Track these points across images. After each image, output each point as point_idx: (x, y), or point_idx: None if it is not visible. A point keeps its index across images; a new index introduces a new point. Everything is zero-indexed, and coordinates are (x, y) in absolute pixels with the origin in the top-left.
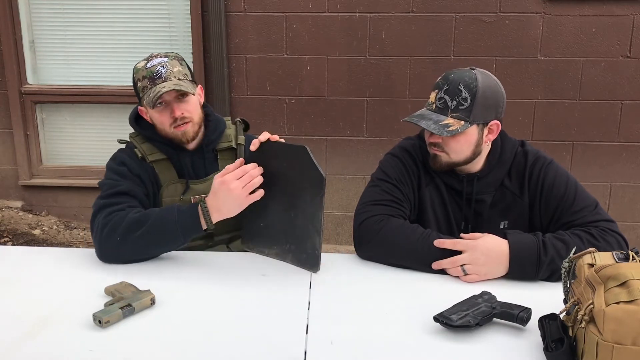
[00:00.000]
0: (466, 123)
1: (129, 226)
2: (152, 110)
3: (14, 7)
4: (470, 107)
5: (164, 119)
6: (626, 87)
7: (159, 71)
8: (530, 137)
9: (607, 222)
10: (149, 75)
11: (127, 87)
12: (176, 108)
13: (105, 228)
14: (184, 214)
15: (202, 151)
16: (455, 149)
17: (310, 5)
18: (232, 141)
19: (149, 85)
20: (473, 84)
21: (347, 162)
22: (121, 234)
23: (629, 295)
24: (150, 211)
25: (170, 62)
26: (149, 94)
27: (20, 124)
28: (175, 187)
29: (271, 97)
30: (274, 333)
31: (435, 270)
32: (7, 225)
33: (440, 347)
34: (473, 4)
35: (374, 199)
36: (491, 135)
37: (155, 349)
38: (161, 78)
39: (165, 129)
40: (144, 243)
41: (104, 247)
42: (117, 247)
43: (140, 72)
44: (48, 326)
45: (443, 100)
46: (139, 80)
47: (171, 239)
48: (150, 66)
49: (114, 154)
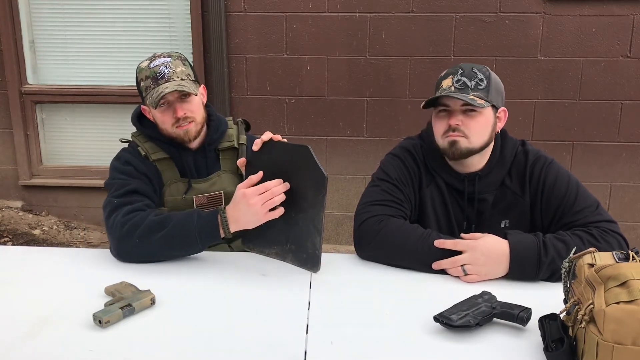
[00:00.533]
0: (487, 102)
1: (149, 227)
2: (154, 110)
3: (14, 7)
4: (488, 87)
5: (167, 118)
6: (626, 87)
7: (162, 71)
8: (530, 137)
9: (608, 222)
10: (152, 75)
11: (127, 87)
12: (179, 108)
13: (124, 227)
14: (203, 220)
15: (204, 150)
16: (476, 131)
17: (310, 5)
18: (234, 141)
19: (152, 85)
20: (484, 69)
21: (347, 162)
22: (140, 234)
23: (629, 295)
24: (171, 214)
25: (173, 62)
26: (152, 94)
27: (20, 124)
28: (177, 186)
29: (271, 97)
30: (274, 333)
31: (436, 270)
32: (7, 225)
33: (440, 347)
34: (473, 4)
35: (375, 199)
36: (500, 123)
37: (155, 349)
38: (164, 78)
39: (168, 129)
40: (162, 245)
41: (121, 245)
42: (135, 247)
43: (144, 72)
44: (48, 326)
45: (462, 82)
46: (142, 80)
47: (189, 244)
48: (153, 66)
49: (118, 154)
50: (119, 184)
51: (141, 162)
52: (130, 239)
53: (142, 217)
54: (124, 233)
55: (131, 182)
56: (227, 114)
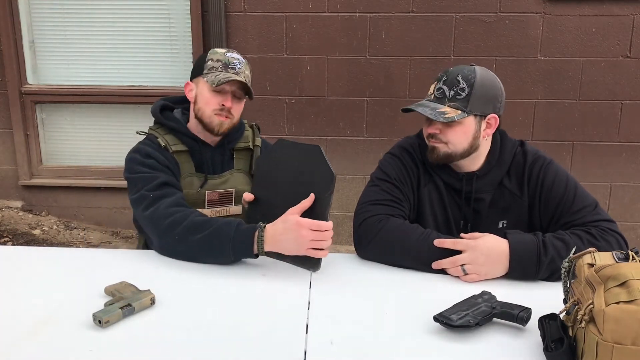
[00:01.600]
0: (463, 112)
1: (189, 227)
2: (206, 89)
3: (14, 7)
4: (468, 97)
5: (214, 101)
6: (626, 87)
7: (235, 64)
8: (530, 137)
9: (607, 222)
10: (225, 61)
11: (127, 87)
12: (231, 100)
13: (166, 220)
14: (241, 233)
15: (223, 148)
16: (453, 139)
17: (310, 5)
18: (250, 142)
19: (220, 68)
20: (471, 75)
21: (347, 162)
22: (180, 232)
23: (628, 295)
24: (213, 219)
25: (245, 64)
26: (218, 75)
27: (20, 124)
28: (192, 180)
29: (271, 97)
30: (274, 333)
31: (435, 270)
32: (7, 225)
33: (440, 347)
34: (473, 4)
35: (374, 198)
36: (489, 129)
37: (155, 349)
38: (234, 70)
39: (207, 112)
40: (197, 248)
41: (163, 240)
42: (175, 244)
43: (217, 55)
44: (48, 326)
45: (441, 90)
46: (211, 60)
47: (221, 253)
48: (229, 56)
49: (136, 146)
50: (146, 178)
51: (161, 153)
52: (170, 234)
53: (185, 214)
54: (166, 227)
55: (158, 175)
56: None
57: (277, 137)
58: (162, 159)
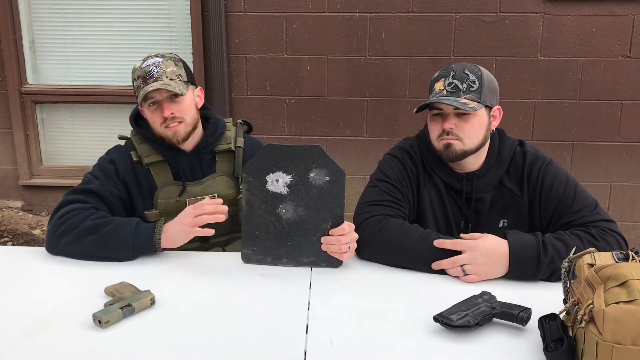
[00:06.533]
0: (479, 103)
1: (86, 227)
2: (146, 110)
3: (14, 7)
4: (480, 88)
5: (155, 118)
6: (626, 87)
7: (152, 71)
8: (530, 137)
9: (606, 222)
10: (142, 74)
11: (127, 87)
12: (166, 108)
13: (62, 225)
14: (141, 229)
15: (199, 153)
16: (470, 133)
17: (310, 5)
18: (232, 143)
19: (141, 85)
20: (476, 69)
21: (347, 162)
22: (75, 234)
23: (628, 295)
24: (112, 219)
25: (165, 62)
26: (140, 93)
27: (20, 124)
28: (170, 189)
29: (271, 97)
30: (274, 333)
31: (435, 270)
32: (7, 225)
33: (440, 347)
34: (473, 4)
35: (374, 199)
36: (495, 121)
37: (155, 349)
38: (152, 77)
39: (157, 129)
40: (93, 247)
41: (51, 242)
42: (66, 246)
43: (136, 72)
44: (48, 326)
45: (453, 85)
46: (134, 80)
47: (119, 248)
48: (144, 66)
49: (110, 149)
50: (87, 180)
51: (128, 165)
52: (63, 238)
53: (84, 216)
54: (60, 232)
55: (97, 182)
56: (227, 114)
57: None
58: (124, 170)
